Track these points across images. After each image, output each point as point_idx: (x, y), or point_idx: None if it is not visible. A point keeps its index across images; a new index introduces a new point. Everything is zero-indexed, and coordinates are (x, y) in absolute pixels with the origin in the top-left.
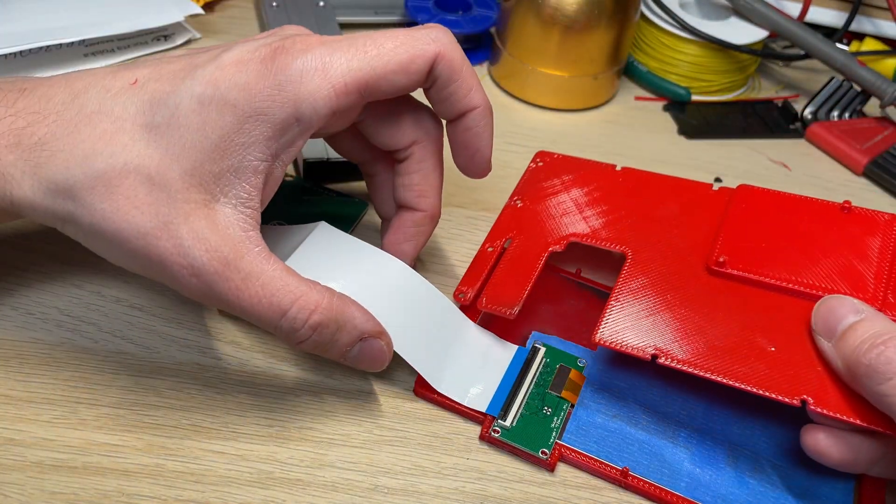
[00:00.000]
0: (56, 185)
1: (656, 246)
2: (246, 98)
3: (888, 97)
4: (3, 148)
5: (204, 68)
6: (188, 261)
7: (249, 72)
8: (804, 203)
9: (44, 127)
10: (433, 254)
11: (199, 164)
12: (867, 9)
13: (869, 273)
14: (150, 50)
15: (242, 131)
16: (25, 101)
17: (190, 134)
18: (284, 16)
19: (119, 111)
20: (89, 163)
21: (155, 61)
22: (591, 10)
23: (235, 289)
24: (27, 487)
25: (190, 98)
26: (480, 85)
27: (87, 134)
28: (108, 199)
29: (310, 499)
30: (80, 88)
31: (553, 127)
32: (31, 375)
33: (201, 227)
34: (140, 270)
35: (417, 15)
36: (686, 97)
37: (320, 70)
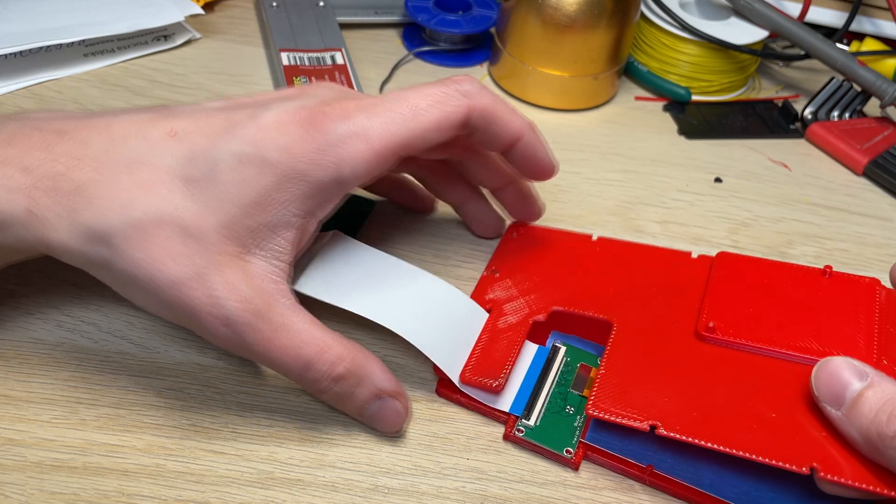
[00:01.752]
0: (92, 232)
1: (641, 313)
2: (287, 159)
3: (888, 97)
4: (40, 192)
5: (244, 127)
6: (220, 311)
7: (290, 134)
8: (785, 269)
9: (82, 173)
10: (433, 254)
11: (236, 218)
12: (867, 9)
13: (858, 337)
14: (150, 50)
15: (282, 189)
16: (64, 145)
17: (228, 189)
18: (284, 16)
19: (157, 162)
20: (126, 211)
21: (193, 112)
22: (591, 10)
23: (264, 340)
24: (27, 487)
25: (229, 155)
26: (517, 113)
27: (126, 182)
28: (144, 248)
29: (310, 499)
30: (118, 135)
31: (553, 127)
32: (31, 375)
33: (234, 279)
34: (172, 318)
35: (417, 15)
36: (686, 97)
37: (360, 135)
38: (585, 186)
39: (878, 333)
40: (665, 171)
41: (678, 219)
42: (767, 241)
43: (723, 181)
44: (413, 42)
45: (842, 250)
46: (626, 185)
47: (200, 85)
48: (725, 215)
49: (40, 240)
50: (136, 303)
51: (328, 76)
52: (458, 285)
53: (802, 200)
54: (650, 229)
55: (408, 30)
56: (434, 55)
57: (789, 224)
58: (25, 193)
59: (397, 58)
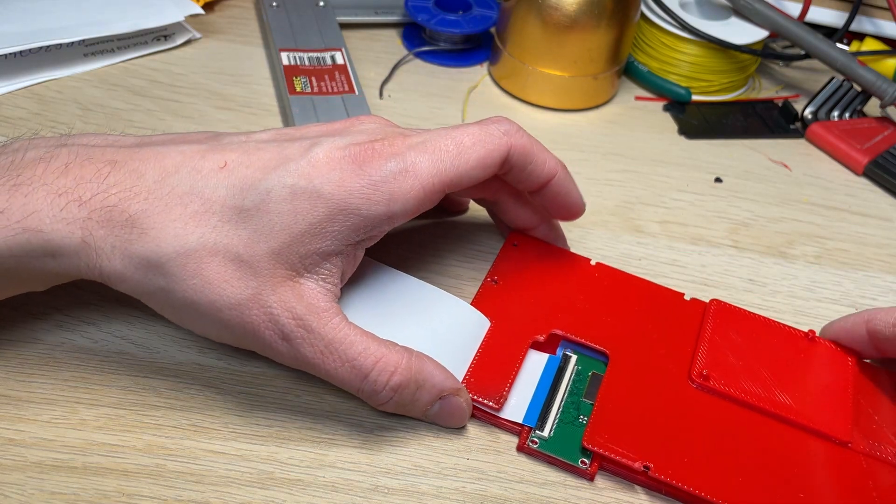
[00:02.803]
0: (147, 262)
1: (636, 349)
2: (341, 194)
3: (888, 97)
4: (94, 223)
5: (297, 162)
6: (278, 328)
7: (343, 170)
8: (772, 327)
9: (136, 204)
10: (433, 254)
11: (287, 245)
12: (867, 9)
13: (836, 406)
14: (151, 50)
15: (334, 221)
16: (116, 176)
17: (279, 219)
18: (284, 16)
19: (209, 193)
20: (180, 241)
21: (243, 145)
22: (592, 10)
23: (320, 353)
24: (27, 488)
25: (282, 187)
26: (550, 153)
27: (179, 213)
28: (200, 275)
29: (309, 499)
30: (170, 168)
31: (553, 127)
32: (31, 375)
33: (288, 297)
34: (230, 340)
35: (417, 15)
36: (686, 97)
37: (411, 172)
38: (585, 186)
39: (853, 405)
40: (665, 171)
41: (678, 219)
42: (767, 241)
43: (723, 181)
44: (413, 42)
45: (842, 250)
46: (626, 185)
47: (200, 85)
48: (725, 215)
49: (94, 269)
50: (194, 329)
51: (328, 76)
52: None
53: (802, 200)
54: (650, 229)
55: (408, 30)
56: (434, 55)
57: (789, 224)
58: (80, 225)
59: (397, 58)
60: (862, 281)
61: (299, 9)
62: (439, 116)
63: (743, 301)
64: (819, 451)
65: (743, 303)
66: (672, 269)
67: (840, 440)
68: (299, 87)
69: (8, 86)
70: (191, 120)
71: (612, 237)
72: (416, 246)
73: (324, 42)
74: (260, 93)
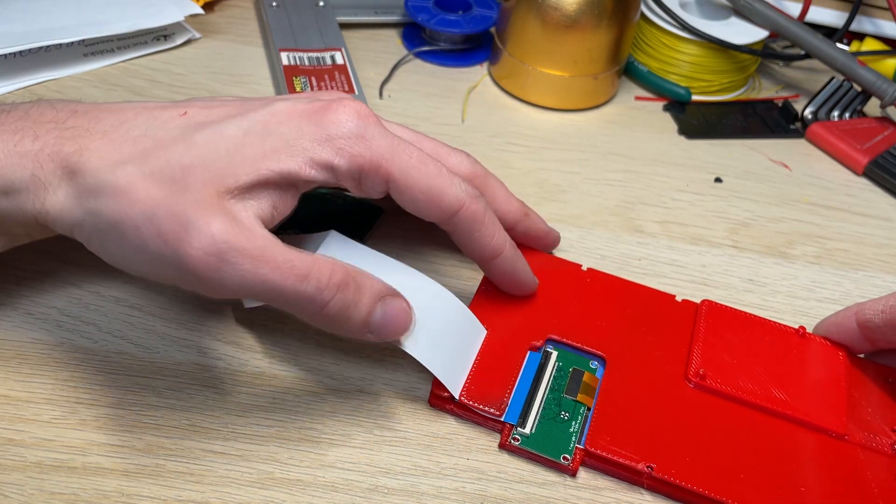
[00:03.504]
0: (85, 188)
1: (632, 351)
2: (293, 134)
3: (888, 97)
4: (45, 156)
5: (255, 112)
6: (196, 235)
7: (302, 119)
8: (764, 325)
9: (88, 140)
10: (432, 252)
11: (225, 169)
12: (867, 9)
13: (829, 400)
14: (150, 50)
15: (277, 159)
16: (76, 119)
17: (225, 148)
18: (284, 16)
19: (162, 135)
20: (120, 168)
21: (206, 101)
22: (592, 10)
23: (252, 260)
24: (27, 488)
25: (237, 128)
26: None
27: (128, 150)
28: (128, 194)
29: (309, 499)
30: (129, 115)
31: (553, 127)
32: (31, 375)
33: (211, 208)
34: (150, 265)
35: (417, 15)
36: (686, 97)
37: (367, 142)
38: (585, 186)
39: (847, 398)
40: (665, 171)
41: (678, 219)
42: (767, 241)
43: (723, 181)
44: (413, 42)
45: (842, 250)
46: (626, 185)
47: (200, 85)
48: (725, 215)
49: (39, 206)
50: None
51: (328, 76)
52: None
53: (802, 200)
54: (650, 229)
55: (408, 30)
56: (434, 55)
57: (789, 224)
58: (32, 158)
59: (397, 58)
60: (862, 281)
61: (299, 9)
62: (439, 116)
63: (743, 301)
64: (816, 444)
65: (743, 303)
66: (672, 269)
67: (836, 433)
68: (299, 87)
69: (8, 86)
70: None
71: (612, 237)
72: (415, 244)
73: (324, 42)
74: (260, 93)
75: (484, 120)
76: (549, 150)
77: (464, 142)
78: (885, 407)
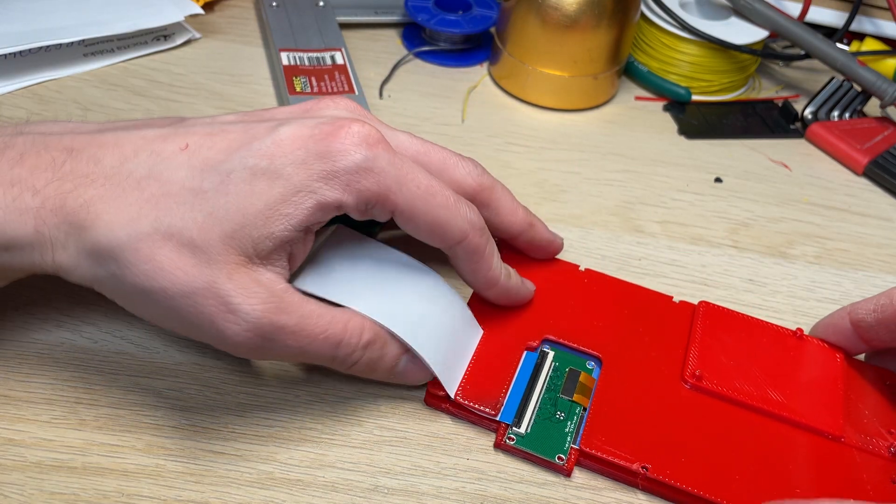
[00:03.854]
0: (100, 248)
1: (628, 352)
2: (301, 175)
3: (888, 97)
4: (47, 212)
5: (261, 141)
6: (240, 316)
7: (308, 150)
8: (760, 326)
9: (90, 190)
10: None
11: (240, 228)
12: (867, 9)
13: (826, 403)
14: (150, 50)
15: (290, 203)
16: (73, 163)
17: (235, 200)
18: (284, 15)
19: (168, 175)
20: (133, 226)
21: (207, 126)
22: (592, 10)
23: (292, 333)
24: (27, 488)
25: (242, 168)
26: (499, 260)
27: (135, 198)
28: (152, 261)
29: (309, 499)
30: (129, 152)
31: (553, 127)
32: (31, 375)
33: (246, 283)
34: (183, 329)
35: (417, 15)
36: (686, 97)
37: (374, 174)
38: (585, 186)
39: (843, 400)
40: (665, 171)
41: (678, 219)
42: (767, 241)
43: (723, 181)
44: (413, 42)
45: (842, 250)
46: (626, 185)
47: (200, 85)
48: (725, 215)
49: (47, 260)
50: (149, 318)
51: (328, 76)
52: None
53: (803, 200)
54: (650, 229)
55: (408, 30)
56: (434, 55)
57: (789, 224)
58: (33, 214)
59: (397, 58)
60: (862, 281)
61: (299, 9)
62: (439, 116)
63: (743, 301)
64: (812, 446)
65: (743, 303)
66: (672, 269)
67: (832, 435)
68: (299, 87)
69: (8, 86)
70: None
71: (612, 237)
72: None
73: (324, 42)
74: (260, 93)
75: (484, 120)
76: (549, 150)
77: (464, 142)
78: (881, 409)
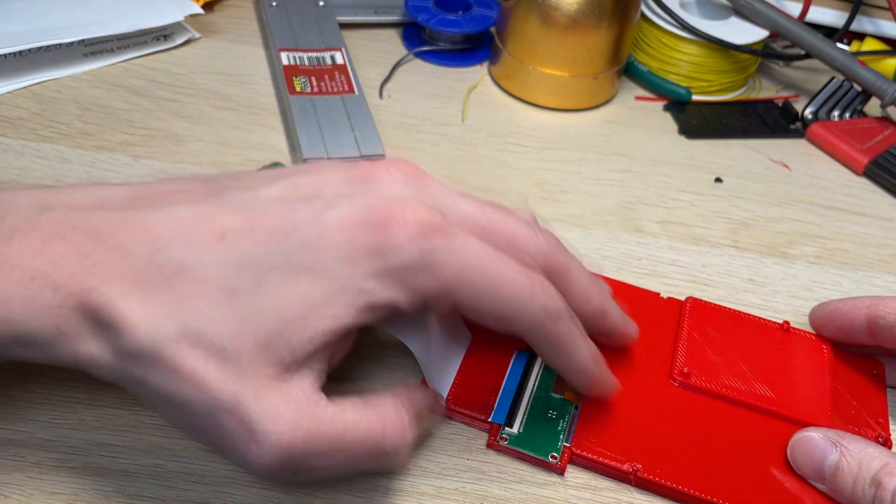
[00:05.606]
0: (124, 350)
1: (617, 351)
2: (347, 272)
3: (889, 97)
4: (69, 310)
5: (304, 231)
6: (264, 446)
7: (355, 242)
8: (747, 320)
9: (116, 286)
10: None
11: (278, 334)
12: (868, 8)
13: (814, 394)
14: (150, 50)
15: (335, 304)
16: (99, 253)
17: (273, 303)
18: (284, 16)
19: (200, 272)
20: (161, 329)
21: (247, 208)
22: (592, 10)
23: (326, 457)
24: (27, 488)
25: (283, 265)
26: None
27: (164, 297)
28: (177, 370)
29: (309, 499)
30: (161, 241)
31: (553, 127)
32: (31, 375)
33: (275, 403)
34: (209, 446)
35: (417, 14)
36: (686, 97)
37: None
38: (585, 186)
39: (831, 392)
40: (665, 171)
41: (678, 219)
42: (768, 241)
43: (723, 181)
44: (413, 42)
45: (842, 250)
46: (626, 185)
47: (200, 85)
48: (726, 215)
49: (68, 357)
50: (175, 425)
51: (328, 76)
52: None
53: (803, 200)
54: (650, 229)
55: (408, 29)
56: (434, 55)
57: (790, 224)
58: (55, 313)
59: (397, 57)
60: (862, 281)
61: (299, 9)
62: (439, 116)
63: (743, 301)
64: None
65: (743, 303)
66: (672, 269)
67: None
68: (299, 86)
69: (7, 86)
70: (190, 120)
71: (612, 237)
72: None
73: (324, 42)
74: (260, 93)
75: (484, 120)
76: (549, 150)
77: (464, 142)
78: (869, 399)
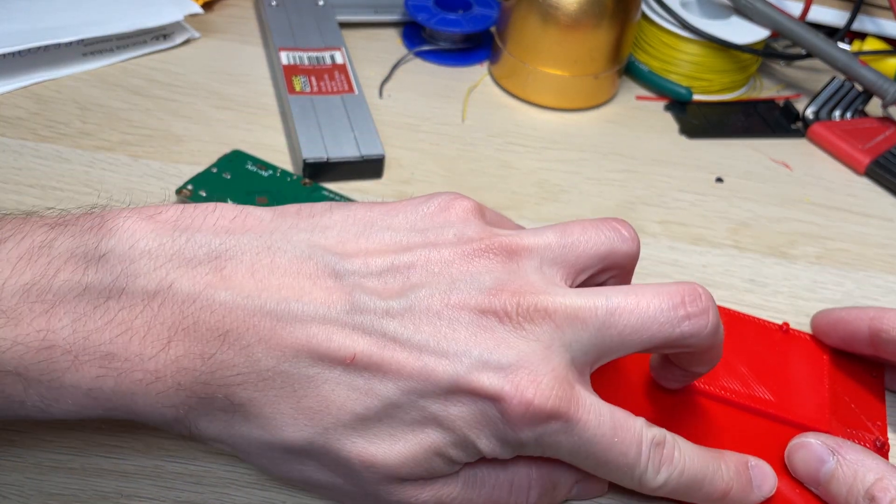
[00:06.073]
0: (248, 440)
1: None
2: (473, 431)
3: (890, 97)
4: (192, 405)
5: (437, 384)
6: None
7: (487, 412)
8: (746, 321)
9: (243, 392)
10: None
11: (395, 471)
12: (869, 8)
13: (814, 398)
14: (150, 49)
15: (451, 450)
16: (225, 354)
17: (402, 448)
18: (284, 15)
19: (327, 392)
20: (287, 435)
21: (380, 340)
22: (592, 10)
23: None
24: (25, 489)
25: (413, 416)
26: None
27: (291, 406)
28: (302, 476)
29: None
30: (289, 352)
31: (553, 127)
32: None
33: None
34: None
35: (417, 14)
36: (687, 97)
37: (573, 422)
38: (586, 186)
39: (830, 395)
40: (666, 171)
41: (679, 219)
42: (769, 241)
43: (724, 181)
44: (413, 41)
45: (843, 250)
46: (626, 185)
47: (200, 84)
48: (726, 215)
49: (183, 432)
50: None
51: (328, 75)
52: None
53: (804, 200)
54: (651, 229)
55: (408, 29)
56: (434, 54)
57: (791, 224)
58: (177, 409)
59: (397, 57)
60: (863, 281)
61: (299, 8)
62: (439, 116)
63: (744, 301)
64: None
65: (744, 303)
66: (673, 269)
67: (819, 430)
68: (299, 86)
69: (6, 85)
70: (190, 120)
71: None
72: None
73: (323, 41)
74: (259, 92)
75: (484, 120)
76: (550, 150)
77: (464, 142)
78: (867, 402)
